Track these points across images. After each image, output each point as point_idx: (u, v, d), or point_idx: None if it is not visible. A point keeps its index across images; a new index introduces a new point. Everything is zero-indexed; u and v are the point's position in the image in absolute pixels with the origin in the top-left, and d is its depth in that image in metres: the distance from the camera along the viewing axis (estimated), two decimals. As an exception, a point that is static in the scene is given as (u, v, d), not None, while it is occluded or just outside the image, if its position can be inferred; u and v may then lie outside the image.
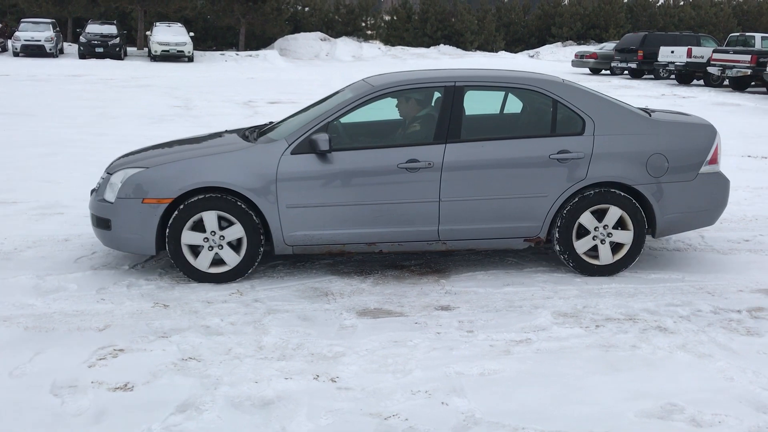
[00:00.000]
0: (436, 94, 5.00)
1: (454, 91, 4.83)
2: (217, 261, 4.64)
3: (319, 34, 38.34)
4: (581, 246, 4.83)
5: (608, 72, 28.17)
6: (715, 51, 21.52)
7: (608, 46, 29.63)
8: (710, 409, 3.14)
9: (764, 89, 20.79)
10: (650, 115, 5.11)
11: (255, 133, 5.19)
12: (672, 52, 23.21)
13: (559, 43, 44.07)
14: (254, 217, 4.57)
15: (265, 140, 4.86)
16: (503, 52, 41.65)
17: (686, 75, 23.15)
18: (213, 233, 4.57)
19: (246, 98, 16.20)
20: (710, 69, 21.27)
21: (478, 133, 4.97)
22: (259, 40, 37.27)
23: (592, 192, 4.77)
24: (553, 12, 45.82)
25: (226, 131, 5.71)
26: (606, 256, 4.86)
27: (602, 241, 4.84)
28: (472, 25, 42.15)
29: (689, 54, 22.31)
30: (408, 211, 4.72)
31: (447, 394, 3.26)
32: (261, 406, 3.14)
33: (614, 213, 4.79)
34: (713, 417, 3.08)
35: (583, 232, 4.83)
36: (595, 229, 4.82)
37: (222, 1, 34.33)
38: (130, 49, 32.48)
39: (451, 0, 44.02)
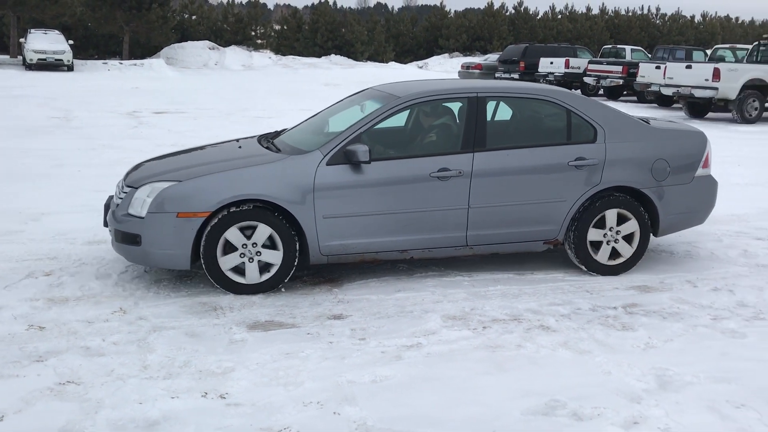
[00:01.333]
0: (459, 105, 5.13)
1: (477, 101, 5.01)
2: (242, 271, 4.61)
3: (207, 42, 37.48)
4: (595, 247, 5.14)
5: (494, 82, 29.14)
6: (590, 62, 22.77)
7: (492, 58, 30.72)
8: (590, 403, 3.29)
9: (635, 98, 22.16)
10: (649, 123, 5.49)
11: (268, 142, 5.29)
12: (551, 63, 24.34)
13: (446, 55, 45.25)
14: (290, 228, 4.61)
15: (297, 151, 4.85)
16: (393, 62, 42.26)
17: (565, 85, 24.26)
18: (245, 246, 4.56)
19: (130, 108, 15.59)
20: (586, 79, 22.46)
21: (501, 141, 5.09)
22: (144, 49, 35.98)
23: (607, 197, 5.07)
24: (440, 24, 47.01)
25: (242, 139, 5.71)
26: (621, 255, 5.16)
27: (618, 241, 5.14)
28: (363, 36, 42.54)
29: (567, 65, 23.48)
30: (439, 219, 4.86)
31: (339, 403, 3.25)
32: (145, 428, 3.02)
33: (623, 216, 5.12)
34: (593, 410, 3.23)
35: (589, 235, 5.10)
36: (609, 230, 5.13)
37: (104, 7, 32.87)
38: (1, 57, 30.57)
39: (341, 10, 44.29)
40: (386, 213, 4.76)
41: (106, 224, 4.96)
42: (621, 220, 5.13)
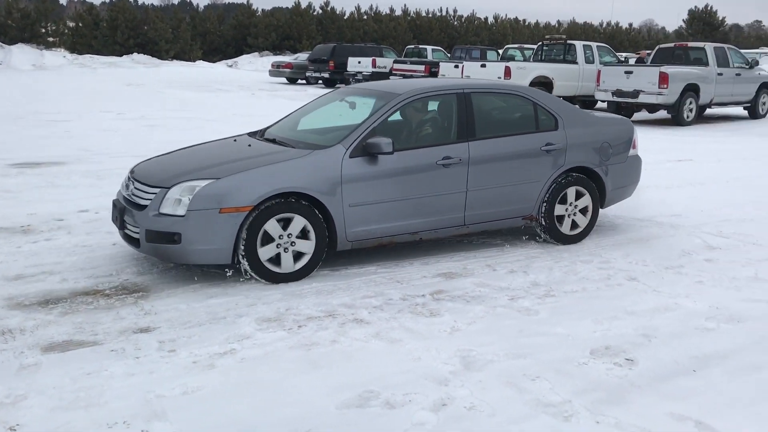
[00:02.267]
0: (450, 100, 5.66)
1: (464, 97, 5.63)
2: (276, 260, 4.87)
3: (-12, 40, 34.04)
4: (559, 220, 5.96)
5: (304, 81, 29.32)
6: (395, 62, 23.63)
7: (302, 57, 30.86)
8: (402, 390, 3.40)
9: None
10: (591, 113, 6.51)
11: (264, 139, 5.72)
12: (359, 62, 24.95)
13: (257, 53, 44.76)
14: (321, 218, 4.94)
15: (314, 146, 5.18)
16: (201, 61, 41.04)
17: (373, 83, 25.06)
18: (281, 236, 4.83)
19: None
20: (392, 78, 23.26)
21: (487, 131, 5.68)
22: None
23: (568, 176, 5.91)
24: (248, 23, 46.40)
25: (238, 136, 6.03)
26: (578, 226, 6.06)
27: (573, 215, 6.01)
28: (167, 34, 40.86)
29: (374, 64, 24.20)
30: (443, 202, 5.44)
31: (147, 420, 3.08)
32: None
33: (579, 192, 6.01)
34: (404, 397, 3.34)
35: (556, 209, 5.93)
36: (570, 205, 6.00)
37: None
38: None
39: (142, 7, 42.13)
40: (401, 199, 5.24)
41: (123, 225, 4.94)
42: (578, 196, 6.02)
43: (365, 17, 51.54)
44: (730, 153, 11.78)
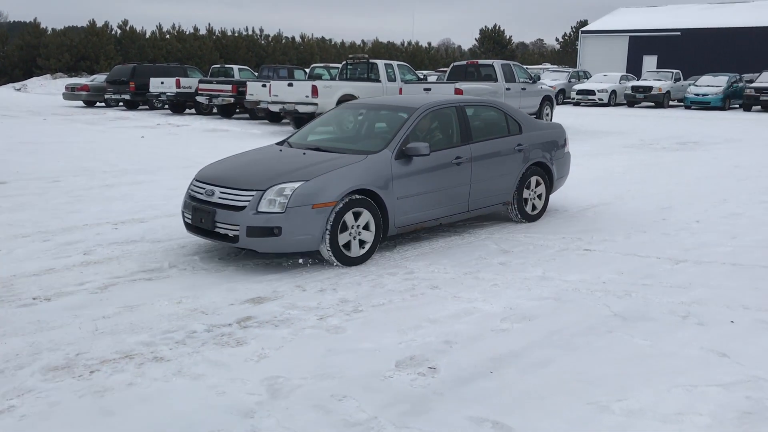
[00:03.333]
0: (452, 111, 6.99)
1: (461, 109, 7.05)
2: (347, 247, 5.90)
3: None
4: (525, 203, 7.55)
5: (103, 104, 27.67)
6: (201, 81, 22.96)
7: (100, 78, 29.07)
8: (205, 428, 3.23)
9: (247, 115, 23.02)
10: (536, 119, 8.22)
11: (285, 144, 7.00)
12: (162, 83, 23.96)
13: (48, 75, 41.60)
14: (378, 210, 6.02)
15: (362, 152, 6.25)
16: (-18, 85, 37.34)
17: (178, 104, 24.19)
18: (352, 226, 5.88)
19: None
20: (198, 98, 22.61)
21: (478, 136, 7.06)
22: None
23: (531, 169, 7.50)
24: (37, 42, 43.02)
25: (276, 144, 7.13)
26: (537, 208, 7.71)
27: (536, 198, 7.67)
28: (-62, 56, 36.71)
29: (178, 84, 23.35)
30: (456, 192, 6.74)
31: None
32: None
33: (538, 180, 7.63)
34: (207, 435, 3.17)
35: (524, 195, 7.52)
36: (533, 191, 7.62)
37: None
38: None
39: None
40: (429, 192, 6.45)
41: (213, 225, 5.73)
42: (536, 184, 7.63)
43: (168, 36, 49.79)
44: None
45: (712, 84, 29.76)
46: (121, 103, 26.89)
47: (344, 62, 19.99)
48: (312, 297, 5.13)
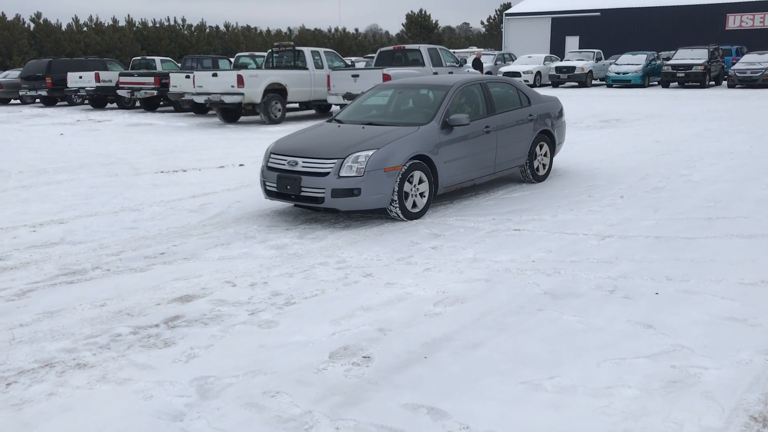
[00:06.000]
0: (478, 87, 8.12)
1: (485, 85, 8.22)
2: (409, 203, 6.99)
3: None
4: (535, 166, 8.80)
5: (18, 101, 26.47)
6: (121, 74, 22.22)
7: (13, 75, 27.79)
8: (131, 435, 3.10)
9: (172, 108, 22.43)
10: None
11: (333, 120, 8.08)
12: (80, 77, 23.09)
13: (-43, 73, 39.44)
14: (430, 172, 7.09)
15: (413, 124, 7.28)
16: None
17: (99, 99, 23.38)
18: (415, 186, 6.96)
19: None
20: (120, 92, 21.89)
21: (499, 108, 8.18)
22: None
23: (539, 136, 8.75)
24: (-58, 38, 40.76)
25: (328, 121, 8.16)
26: (544, 169, 8.99)
27: (542, 163, 8.95)
28: None
29: (97, 78, 22.55)
30: (486, 156, 7.84)
31: None
32: None
33: (544, 146, 8.92)
34: (134, 442, 3.05)
35: (534, 158, 8.79)
36: (540, 155, 8.89)
37: None
38: None
39: None
40: (467, 156, 7.52)
41: (299, 190, 6.73)
42: (542, 148, 8.88)
43: (85, 29, 47.97)
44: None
45: (632, 62, 30.68)
46: (37, 100, 25.80)
47: (270, 50, 19.66)
48: (242, 292, 5.02)
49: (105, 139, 15.14)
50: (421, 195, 7.06)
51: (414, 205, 7.01)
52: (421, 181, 7.01)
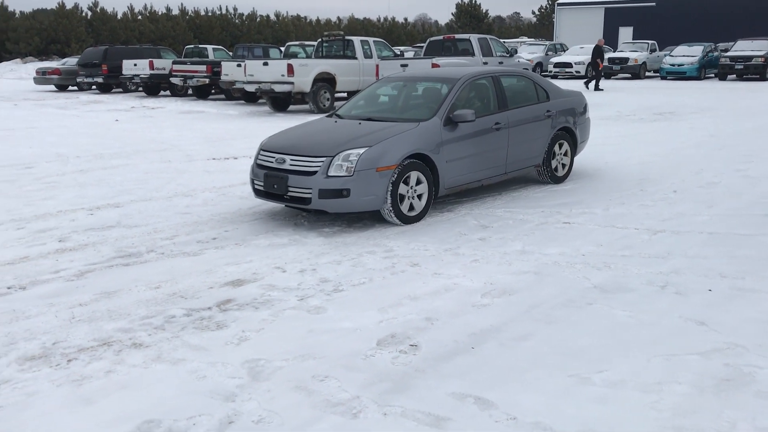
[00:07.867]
0: (488, 81, 7.46)
1: (496, 78, 7.55)
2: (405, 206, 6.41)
3: None
4: (553, 165, 8.13)
5: (76, 88, 27.21)
6: (174, 62, 22.63)
7: (71, 62, 28.57)
8: (185, 414, 3.20)
9: (223, 96, 22.76)
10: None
11: (334, 115, 7.55)
12: (135, 65, 23.59)
13: (19, 60, 40.81)
14: (430, 173, 6.53)
15: (414, 119, 6.75)
16: (-50, 71, 36.54)
17: (152, 86, 23.84)
18: (411, 187, 6.39)
19: None
20: (173, 80, 22.30)
21: (513, 103, 7.56)
22: None
23: (558, 134, 8.06)
24: (5, 26, 42.12)
25: (327, 116, 7.65)
26: (563, 170, 8.35)
27: (562, 163, 8.29)
28: None
29: (151, 66, 23.00)
30: (496, 155, 7.23)
31: None
32: None
33: (564, 144, 8.24)
34: (188, 421, 3.14)
35: (552, 158, 8.13)
36: (559, 155, 8.22)
37: None
38: None
39: None
40: (473, 155, 6.94)
41: (286, 190, 6.25)
42: (562, 147, 8.22)
43: (140, 17, 48.96)
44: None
45: (688, 54, 29.90)
46: (94, 87, 26.47)
47: (320, 40, 19.77)
48: (292, 278, 5.10)
49: (158, 125, 15.47)
50: (419, 197, 6.49)
51: (411, 208, 6.42)
52: (418, 182, 6.44)
